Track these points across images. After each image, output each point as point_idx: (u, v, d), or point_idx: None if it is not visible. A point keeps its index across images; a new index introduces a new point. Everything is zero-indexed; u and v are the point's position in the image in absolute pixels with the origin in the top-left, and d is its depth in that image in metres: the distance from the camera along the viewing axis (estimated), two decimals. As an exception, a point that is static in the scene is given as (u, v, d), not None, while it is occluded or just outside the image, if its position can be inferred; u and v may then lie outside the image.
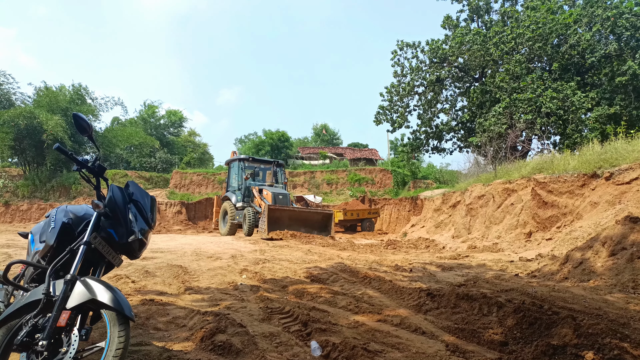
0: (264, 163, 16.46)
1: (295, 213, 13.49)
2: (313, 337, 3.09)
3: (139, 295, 4.47)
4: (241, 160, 15.68)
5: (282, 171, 16.71)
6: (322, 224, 13.89)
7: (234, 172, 16.23)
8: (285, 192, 14.38)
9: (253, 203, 14.61)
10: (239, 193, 15.24)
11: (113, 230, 2.48)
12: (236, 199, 15.22)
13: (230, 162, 16.76)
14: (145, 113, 34.82)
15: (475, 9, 21.33)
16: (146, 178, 23.79)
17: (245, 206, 14.67)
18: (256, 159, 16.24)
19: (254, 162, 16.07)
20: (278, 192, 14.00)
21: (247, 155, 15.89)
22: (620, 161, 9.15)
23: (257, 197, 14.20)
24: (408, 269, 6.68)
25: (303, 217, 13.57)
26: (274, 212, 12.77)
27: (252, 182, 15.22)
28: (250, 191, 14.97)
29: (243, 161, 15.65)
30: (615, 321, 3.25)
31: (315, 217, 13.88)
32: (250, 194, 14.98)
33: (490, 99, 18.97)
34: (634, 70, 15.35)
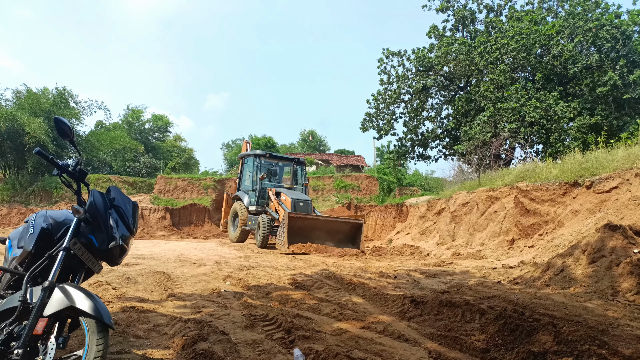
0: (282, 160, 14.73)
1: (319, 223, 11.54)
2: (296, 345, 3.08)
3: (119, 302, 4.40)
4: (257, 156, 13.92)
5: (303, 170, 14.89)
6: (350, 235, 11.90)
7: (248, 168, 14.52)
8: (307, 198, 12.49)
9: (268, 207, 12.93)
10: (252, 195, 13.56)
11: (93, 236, 2.44)
12: (249, 200, 13.55)
13: (243, 156, 15.07)
14: (130, 117, 34.45)
15: (461, 19, 21.66)
16: (130, 183, 23.49)
17: (259, 210, 13.09)
18: (274, 156, 14.45)
19: (272, 158, 14.26)
20: (298, 198, 12.18)
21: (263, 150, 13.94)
22: (601, 170, 9.33)
23: (274, 201, 12.47)
24: (392, 275, 6.70)
25: (328, 227, 11.62)
26: (295, 221, 10.91)
27: (267, 182, 13.55)
28: (265, 193, 13.27)
29: (259, 157, 13.89)
30: (594, 328, 3.30)
31: (343, 227, 11.88)
32: (265, 196, 13.30)
33: (475, 107, 19.23)
34: (614, 81, 15.72)
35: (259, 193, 13.25)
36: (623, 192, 8.37)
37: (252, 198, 13.47)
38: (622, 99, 16.17)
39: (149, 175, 28.31)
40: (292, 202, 11.83)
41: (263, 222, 11.94)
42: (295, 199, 12.00)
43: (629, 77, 15.94)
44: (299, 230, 11.02)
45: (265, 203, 13.18)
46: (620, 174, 8.70)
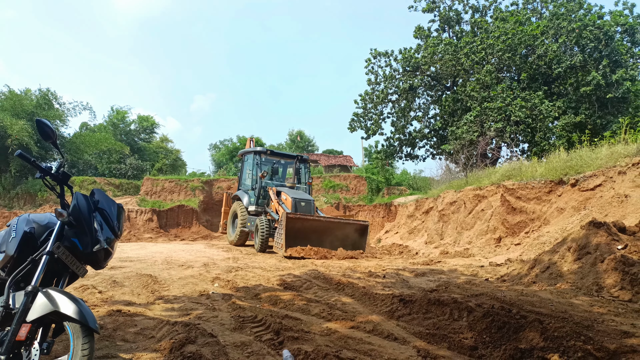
0: (284, 157, 14.08)
1: (321, 224, 10.75)
2: (285, 346, 3.06)
3: (106, 306, 4.34)
4: (257, 153, 13.13)
5: (307, 168, 14.18)
6: (354, 238, 11.10)
7: (248, 166, 13.86)
8: (309, 198, 11.75)
9: (269, 207, 12.21)
10: (252, 194, 12.84)
11: (77, 239, 2.40)
12: (248, 200, 12.86)
13: (244, 154, 14.43)
14: (115, 118, 34.05)
15: (446, 19, 21.82)
16: (116, 185, 23.21)
17: (259, 211, 12.39)
18: (275, 153, 13.75)
19: (273, 155, 13.58)
20: (300, 198, 11.43)
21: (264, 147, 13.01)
22: (585, 168, 9.48)
23: (275, 201, 11.73)
24: (381, 275, 6.71)
25: (331, 229, 10.83)
26: (293, 222, 10.16)
27: (268, 181, 12.89)
28: (266, 192, 12.55)
29: (259, 154, 13.11)
30: (580, 324, 3.35)
31: (347, 229, 11.06)
32: (266, 196, 12.56)
33: (461, 107, 19.39)
34: (598, 80, 15.98)
35: (259, 192, 12.55)
36: (607, 189, 8.51)
37: (251, 198, 12.81)
38: (605, 98, 16.44)
39: (135, 177, 28.01)
40: (293, 201, 11.13)
41: (261, 224, 11.16)
42: (297, 198, 11.31)
43: (611, 76, 16.21)
44: (298, 233, 10.23)
45: (265, 203, 12.48)
46: (604, 172, 8.84)
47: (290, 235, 10.02)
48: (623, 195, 7.89)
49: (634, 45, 18.41)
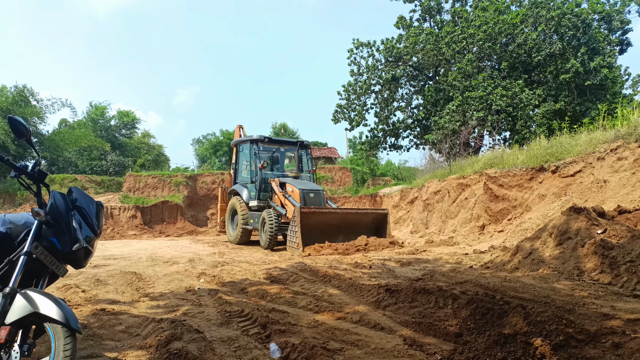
0: (284, 145, 12.88)
1: (337, 216, 9.87)
2: (272, 339, 3.06)
3: (89, 305, 4.28)
4: (254, 141, 11.95)
5: (309, 155, 12.90)
6: (373, 228, 10.31)
7: (245, 157, 12.63)
8: (318, 188, 10.79)
9: (272, 201, 11.11)
10: (252, 187, 11.70)
11: (56, 238, 2.36)
12: (248, 195, 11.75)
13: (238, 143, 13.05)
14: (94, 114, 33.41)
15: (427, 9, 21.85)
16: (97, 182, 22.83)
17: (262, 206, 11.34)
18: (274, 140, 12.51)
19: (272, 143, 12.34)
20: (308, 189, 10.45)
21: (261, 135, 12.01)
22: (565, 155, 9.64)
23: (279, 193, 10.70)
24: (368, 265, 6.75)
25: (348, 221, 9.99)
26: (308, 217, 9.21)
27: (268, 172, 11.81)
28: (267, 185, 11.48)
29: (256, 143, 11.91)
30: (562, 307, 3.41)
31: (365, 219, 10.37)
32: (267, 189, 11.49)
33: (444, 97, 19.51)
34: (576, 68, 16.21)
35: (259, 185, 11.43)
36: (586, 175, 8.67)
37: (252, 191, 11.72)
38: (584, 85, 16.70)
39: (117, 173, 27.59)
40: (301, 193, 10.19)
41: (269, 218, 10.05)
42: (305, 189, 10.37)
43: (589, 64, 16.46)
44: (313, 228, 9.29)
45: (268, 196, 11.45)
46: (583, 158, 9.01)
47: (305, 231, 9.09)
48: (602, 181, 8.05)
49: (611, 32, 18.71)
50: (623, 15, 18.77)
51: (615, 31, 18.96)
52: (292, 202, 10.07)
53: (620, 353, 2.28)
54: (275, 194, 10.99)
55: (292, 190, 10.44)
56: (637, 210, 5.91)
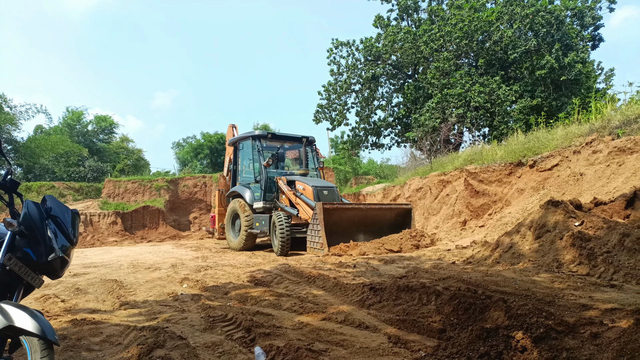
0: (288, 140, 11.82)
1: (361, 213, 9.33)
2: (257, 343, 3.04)
3: (69, 315, 4.19)
4: (256, 138, 10.94)
5: (315, 151, 12.03)
6: (396, 224, 9.66)
7: (246, 155, 11.64)
8: (331, 185, 10.09)
9: (279, 201, 10.30)
10: (256, 188, 10.71)
11: (30, 249, 2.30)
12: (252, 196, 10.75)
13: (237, 141, 11.97)
14: (70, 119, 32.75)
15: (404, 8, 22.03)
16: (75, 189, 22.37)
17: (268, 207, 10.32)
18: (278, 136, 11.61)
19: (275, 139, 11.40)
20: (321, 186, 9.73)
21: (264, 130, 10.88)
22: (542, 149, 9.83)
23: (288, 192, 9.92)
24: (352, 265, 6.76)
25: (371, 217, 9.43)
26: (330, 214, 8.58)
27: (272, 170, 10.81)
28: (273, 184, 10.51)
29: (259, 139, 10.92)
30: (542, 300, 3.48)
31: (389, 215, 9.72)
32: (273, 188, 10.52)
33: (423, 94, 19.70)
34: (551, 64, 16.54)
35: (265, 184, 10.37)
36: (563, 169, 8.86)
37: (256, 192, 10.70)
38: (559, 80, 17.05)
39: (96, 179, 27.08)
40: (315, 191, 9.44)
41: (280, 221, 9.04)
42: (318, 186, 9.63)
43: (564, 59, 16.81)
44: (334, 226, 8.64)
45: (274, 197, 10.49)
46: (560, 152, 9.20)
47: (328, 230, 8.45)
48: (578, 174, 8.24)
49: (583, 28, 19.16)
50: (594, 11, 19.25)
51: (587, 27, 19.42)
52: (305, 200, 9.38)
53: (599, 342, 2.33)
54: (282, 194, 10.22)
55: (304, 188, 9.69)
56: (612, 201, 6.05)
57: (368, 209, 9.46)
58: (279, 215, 9.13)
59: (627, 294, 3.58)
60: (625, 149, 7.77)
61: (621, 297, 3.46)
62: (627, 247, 4.37)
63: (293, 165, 12.53)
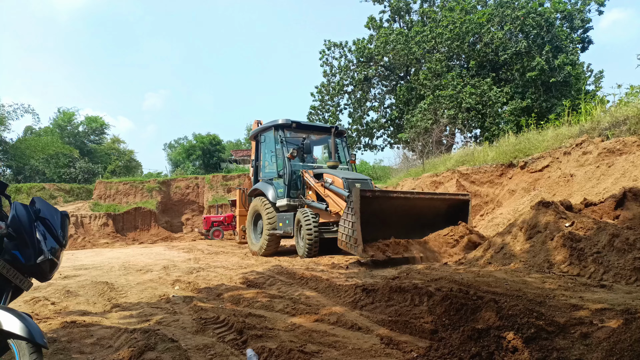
0: (315, 131, 10.49)
1: (406, 202, 7.47)
2: (249, 345, 3.03)
3: (59, 318, 4.15)
4: (279, 127, 9.74)
5: (345, 143, 10.80)
6: (447, 218, 7.79)
7: (268, 148, 10.34)
8: (365, 177, 8.83)
9: (306, 198, 9.03)
10: (280, 183, 9.54)
11: (19, 251, 2.28)
12: (275, 193, 9.60)
13: (258, 133, 10.72)
14: (61, 120, 32.49)
15: (396, 9, 22.14)
16: (66, 190, 22.20)
17: (293, 205, 9.16)
18: (304, 125, 10.15)
19: (300, 129, 10.04)
20: (353, 178, 8.49)
21: (287, 119, 9.78)
22: (533, 151, 9.91)
23: (316, 185, 8.64)
24: (344, 266, 6.76)
25: (417, 208, 7.64)
26: (369, 203, 6.83)
27: (297, 163, 9.62)
28: (298, 179, 9.35)
29: (282, 129, 9.72)
30: (533, 300, 3.50)
31: (440, 207, 7.94)
32: (298, 184, 9.35)
33: (415, 95, 19.80)
34: (542, 65, 16.70)
35: (289, 179, 9.21)
36: (554, 169, 8.94)
37: (279, 189, 9.56)
38: (549, 82, 17.22)
39: (87, 180, 26.90)
40: (345, 183, 8.13)
41: (306, 218, 8.10)
42: (349, 178, 8.32)
43: (554, 61, 16.99)
44: (373, 218, 6.96)
45: (299, 193, 9.28)
46: (550, 153, 9.27)
47: (365, 222, 6.72)
48: (569, 175, 8.31)
49: (573, 31, 19.36)
50: (584, 14, 19.46)
51: (577, 29, 19.64)
52: (336, 190, 8.12)
53: (588, 342, 2.35)
54: (309, 189, 9.04)
55: (334, 180, 8.43)
56: (602, 202, 6.12)
57: (416, 198, 7.62)
58: (304, 213, 8.22)
59: (617, 294, 3.62)
60: (615, 150, 7.86)
61: (611, 297, 3.49)
62: (616, 247, 4.41)
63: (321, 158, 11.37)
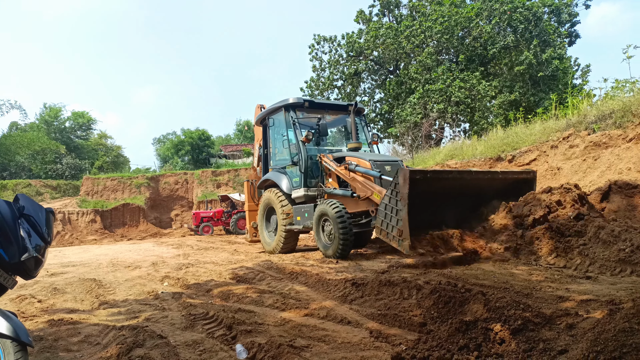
0: (330, 109, 9.13)
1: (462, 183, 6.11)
2: (238, 340, 3.02)
3: (46, 316, 4.10)
4: (289, 107, 8.43)
5: (365, 122, 9.44)
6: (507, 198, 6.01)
7: (279, 132, 9.05)
8: (395, 159, 7.71)
9: (326, 186, 7.82)
10: (294, 172, 8.34)
11: (2, 249, 2.24)
12: (290, 183, 8.34)
13: (266, 116, 9.29)
14: (47, 115, 32.02)
15: (386, 3, 22.10)
16: (53, 186, 21.93)
17: (311, 195, 7.92)
18: (318, 104, 8.87)
19: (314, 109, 8.71)
20: (382, 160, 7.21)
21: (299, 98, 8.64)
22: (521, 144, 9.99)
23: (337, 169, 7.35)
24: (334, 260, 6.78)
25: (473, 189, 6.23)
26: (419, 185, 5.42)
27: (312, 147, 8.34)
28: (315, 165, 8.11)
29: (293, 109, 8.42)
30: (520, 292, 3.54)
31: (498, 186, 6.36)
32: (315, 172, 8.13)
33: (405, 90, 19.83)
34: (529, 60, 16.82)
35: (305, 166, 7.95)
36: (541, 163, 9.02)
37: (294, 178, 8.31)
38: (537, 76, 17.36)
39: (74, 177, 26.59)
40: (373, 165, 6.91)
41: (336, 210, 6.70)
42: (377, 160, 7.07)
43: (541, 55, 17.12)
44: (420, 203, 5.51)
45: (318, 181, 8.08)
46: (538, 147, 9.36)
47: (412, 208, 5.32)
48: (556, 168, 8.40)
49: (560, 25, 19.51)
50: (571, 8, 19.61)
51: (564, 24, 19.79)
52: (365, 172, 6.85)
53: (574, 333, 2.38)
54: (328, 176, 7.84)
55: (359, 161, 7.13)
56: (588, 195, 6.19)
57: (473, 178, 6.11)
58: (332, 204, 6.82)
59: (602, 285, 3.67)
60: (601, 144, 7.95)
61: (596, 289, 3.54)
62: (602, 239, 4.48)
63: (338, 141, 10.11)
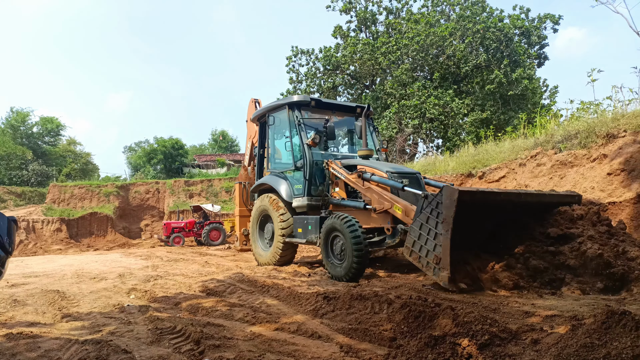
0: (338, 110, 8.42)
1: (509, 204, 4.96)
2: (206, 355, 2.96)
3: (4, 329, 3.92)
4: (294, 106, 7.71)
5: (374, 128, 8.75)
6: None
7: (279, 132, 8.41)
8: (413, 171, 6.81)
9: (332, 196, 7.14)
10: (296, 178, 7.61)
11: (-42, 259, 2.14)
12: (290, 190, 7.64)
13: (265, 114, 8.49)
14: (14, 120, 30.99)
15: (363, 20, 22.48)
16: (17, 193, 21.17)
17: (314, 205, 7.23)
18: (324, 103, 8.12)
19: (320, 108, 8.02)
20: (399, 171, 6.43)
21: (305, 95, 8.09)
22: (491, 161, 10.24)
23: (348, 178, 6.62)
24: (307, 274, 6.75)
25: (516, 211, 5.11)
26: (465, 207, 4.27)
27: (317, 151, 7.49)
28: (321, 172, 7.39)
29: (298, 108, 7.69)
30: (488, 307, 3.60)
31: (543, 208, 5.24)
32: (320, 178, 7.39)
33: (381, 105, 20.12)
34: (500, 79, 17.37)
35: (309, 172, 7.23)
36: (510, 180, 9.26)
37: (295, 184, 7.57)
38: (507, 95, 17.92)
39: (40, 184, 25.74)
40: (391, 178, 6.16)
41: (350, 227, 5.82)
42: (394, 172, 6.32)
43: (512, 75, 17.70)
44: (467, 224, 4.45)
45: (321, 190, 7.33)
46: (507, 164, 9.61)
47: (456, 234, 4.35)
48: (524, 185, 8.63)
49: (530, 46, 20.26)
50: (540, 30, 20.40)
51: (533, 45, 20.56)
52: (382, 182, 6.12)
53: (538, 348, 2.43)
54: (335, 185, 7.12)
55: (373, 171, 6.42)
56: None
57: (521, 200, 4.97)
58: (345, 219, 5.92)
59: (566, 301, 3.78)
60: (567, 163, 8.23)
61: (561, 304, 3.64)
62: (566, 255, 4.60)
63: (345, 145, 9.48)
